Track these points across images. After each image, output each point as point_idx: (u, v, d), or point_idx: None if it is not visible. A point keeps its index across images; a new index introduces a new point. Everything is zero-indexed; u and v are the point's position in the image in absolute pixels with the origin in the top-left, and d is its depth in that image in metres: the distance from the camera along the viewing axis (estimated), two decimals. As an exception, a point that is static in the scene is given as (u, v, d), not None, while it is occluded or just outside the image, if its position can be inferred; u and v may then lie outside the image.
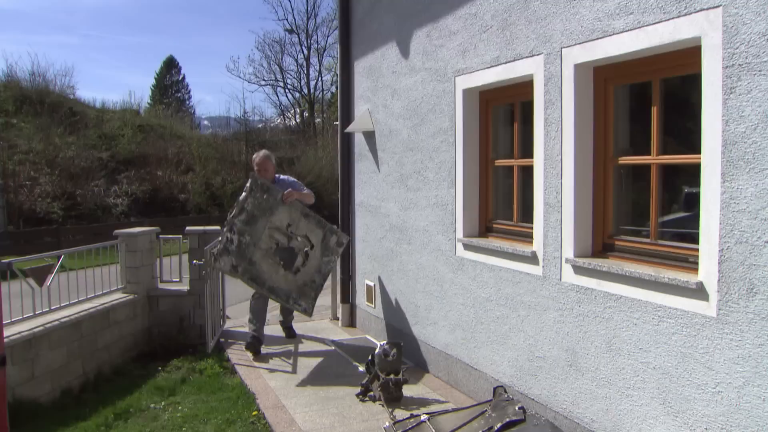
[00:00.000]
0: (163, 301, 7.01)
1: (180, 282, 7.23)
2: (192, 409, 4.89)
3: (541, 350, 4.27)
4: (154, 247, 7.26)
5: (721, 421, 3.03)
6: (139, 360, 6.28)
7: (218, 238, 7.12)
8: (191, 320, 6.93)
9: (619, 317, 3.63)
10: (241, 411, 4.82)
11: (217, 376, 5.68)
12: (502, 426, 3.93)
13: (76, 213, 21.85)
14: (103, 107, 30.73)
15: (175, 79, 48.92)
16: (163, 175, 25.97)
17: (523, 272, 4.44)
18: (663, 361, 3.35)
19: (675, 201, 3.71)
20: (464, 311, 4.98)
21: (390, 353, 5.08)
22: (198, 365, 5.92)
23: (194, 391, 5.29)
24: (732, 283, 2.97)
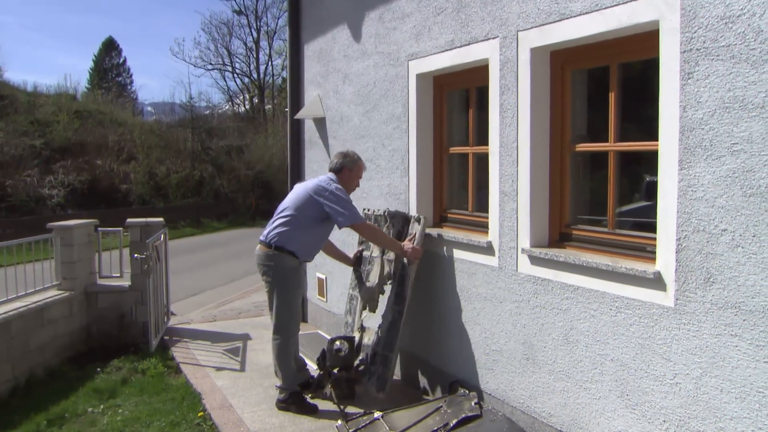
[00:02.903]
0: (103, 298, 6.76)
1: (121, 277, 6.98)
2: (133, 412, 4.72)
3: (498, 343, 4.26)
4: (93, 240, 6.99)
5: (679, 413, 3.05)
6: (76, 361, 6.03)
7: (162, 230, 6.91)
8: (133, 317, 6.70)
9: (576, 308, 3.63)
10: (186, 412, 4.69)
11: (161, 376, 5.51)
12: (458, 422, 3.92)
13: (6, 205, 20.95)
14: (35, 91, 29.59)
15: (115, 62, 47.41)
16: (103, 165, 25.17)
17: (478, 263, 4.42)
18: (621, 352, 3.36)
19: (635, 190, 3.72)
20: (418, 304, 4.94)
21: (342, 348, 5.00)
22: (140, 365, 5.73)
23: (136, 393, 5.11)
24: (689, 272, 2.98)
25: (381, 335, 5.01)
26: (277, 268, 4.62)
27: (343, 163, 4.82)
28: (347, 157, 4.86)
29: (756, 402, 2.71)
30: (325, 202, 4.56)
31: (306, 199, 4.63)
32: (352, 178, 4.86)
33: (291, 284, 4.66)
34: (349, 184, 4.84)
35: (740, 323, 2.76)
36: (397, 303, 4.91)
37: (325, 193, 4.58)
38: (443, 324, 4.84)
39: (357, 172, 4.89)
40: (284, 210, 4.71)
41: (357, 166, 4.87)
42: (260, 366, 5.66)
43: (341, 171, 4.81)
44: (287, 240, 4.61)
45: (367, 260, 5.34)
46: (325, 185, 4.63)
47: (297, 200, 4.68)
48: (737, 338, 2.77)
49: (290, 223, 4.63)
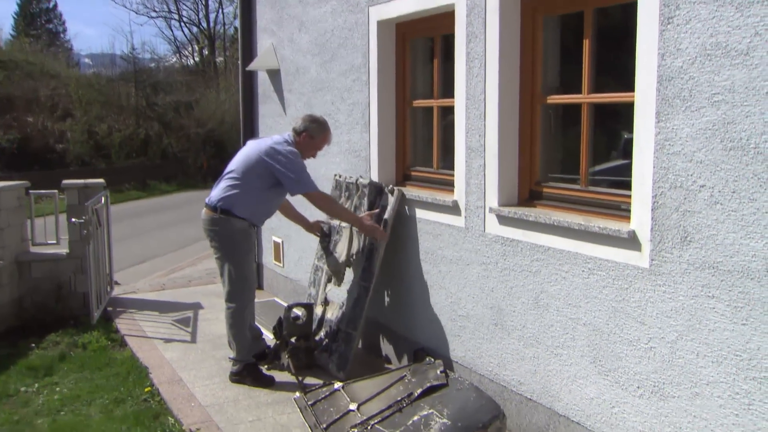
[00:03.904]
0: (37, 267, 6.54)
1: (57, 244, 6.75)
2: (73, 390, 4.60)
3: (465, 308, 4.25)
4: (24, 204, 6.72)
5: (654, 379, 3.08)
6: (6, 337, 5.83)
7: (103, 192, 6.69)
8: (72, 288, 6.51)
9: (547, 271, 3.62)
10: (132, 388, 4.61)
11: (104, 350, 5.39)
12: (423, 391, 3.91)
13: None
14: (-52, 37, 28.23)
15: (44, 7, 45.24)
16: (35, 122, 24.25)
17: (444, 224, 4.39)
18: (593, 316, 3.37)
19: (612, 148, 3.69)
20: (380, 268, 4.89)
21: (300, 316, 4.95)
22: (81, 339, 5.58)
23: (76, 369, 4.99)
24: (666, 231, 2.97)
25: (345, 311, 4.98)
26: (224, 233, 4.50)
27: (307, 128, 4.65)
28: (315, 122, 4.70)
29: (733, 366, 2.73)
30: (277, 165, 4.42)
31: (256, 161, 4.47)
32: (311, 146, 4.70)
33: (241, 248, 4.55)
34: (306, 151, 4.69)
35: (718, 284, 2.76)
36: (363, 278, 4.87)
37: (277, 156, 4.43)
38: (407, 289, 4.82)
39: (319, 142, 4.72)
40: (233, 171, 4.56)
41: (322, 136, 4.71)
42: (213, 336, 5.59)
43: (302, 134, 4.65)
44: (234, 204, 4.48)
45: (335, 230, 5.27)
46: (278, 147, 4.47)
47: (247, 161, 4.52)
48: (715, 300, 2.79)
49: (238, 186, 4.49)
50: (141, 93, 29.16)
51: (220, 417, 4.16)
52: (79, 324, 5.98)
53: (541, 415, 3.74)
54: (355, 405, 3.98)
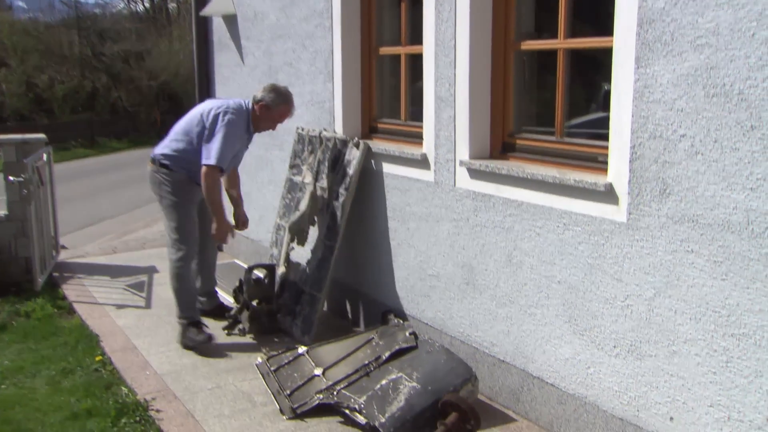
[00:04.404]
0: (-26, 230, 6.35)
1: (-5, 206, 6.56)
2: (15, 362, 4.51)
3: (434, 267, 4.24)
4: (-45, 162, 6.49)
5: (631, 337, 3.11)
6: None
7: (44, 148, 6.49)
8: (13, 252, 6.35)
9: (520, 227, 3.62)
10: (81, 357, 4.54)
11: (50, 318, 5.28)
12: (391, 354, 3.94)
13: None
14: None
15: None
16: (-37, 72, 23.41)
17: (412, 178, 4.36)
18: (569, 274, 3.39)
19: (591, 99, 3.67)
20: (345, 227, 4.86)
21: (262, 278, 4.91)
22: (23, 307, 5.46)
23: (19, 339, 4.88)
24: (644, 183, 2.97)
25: (309, 273, 4.96)
26: (163, 183, 4.57)
27: (264, 98, 4.57)
28: (274, 92, 4.59)
29: (711, 323, 2.77)
30: (208, 128, 4.45)
31: (198, 121, 4.50)
32: (268, 118, 4.64)
33: (178, 199, 4.58)
34: (263, 122, 4.65)
35: (697, 238, 2.78)
36: (328, 237, 4.84)
37: (214, 120, 4.44)
38: (373, 247, 4.80)
39: (277, 114, 4.64)
40: (179, 128, 4.62)
41: (280, 108, 4.62)
42: (169, 302, 5.48)
43: (258, 103, 4.58)
44: (174, 159, 4.56)
45: (298, 187, 5.20)
46: (221, 114, 4.45)
47: (192, 119, 4.57)
48: (694, 254, 2.80)
49: (180, 141, 4.56)
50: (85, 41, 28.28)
51: (178, 385, 4.13)
52: (21, 291, 5.85)
53: (515, 377, 3.78)
54: (320, 370, 4.00)
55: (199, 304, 5.20)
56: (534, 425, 3.69)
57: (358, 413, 3.62)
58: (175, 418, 3.77)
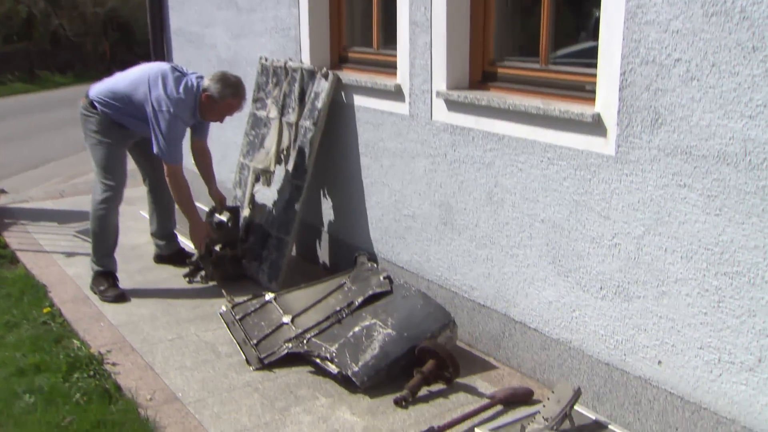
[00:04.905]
0: None
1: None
2: (-49, 317, 4.46)
3: (410, 207, 4.24)
4: None
5: (618, 278, 3.13)
6: None
7: None
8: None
9: (501, 162, 3.61)
10: (27, 310, 4.49)
11: (-10, 268, 5.21)
12: (364, 300, 3.96)
13: None
14: None
15: None
16: None
17: (385, 112, 4.32)
18: (553, 212, 3.39)
19: (582, 28, 3.60)
20: (314, 165, 4.81)
21: (224, 222, 4.86)
22: (-42, 257, 5.39)
23: (-46, 292, 4.82)
24: (634, 113, 2.95)
25: (276, 215, 4.94)
26: (89, 121, 4.54)
27: (210, 89, 4.42)
28: (222, 84, 4.43)
29: (703, 261, 2.79)
30: (152, 119, 4.37)
31: (143, 98, 4.41)
32: (212, 110, 4.52)
33: (107, 138, 4.53)
34: (208, 113, 4.56)
35: (690, 171, 2.78)
36: (296, 176, 4.80)
37: (157, 114, 4.35)
38: (345, 187, 4.78)
39: (223, 108, 4.51)
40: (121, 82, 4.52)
41: (226, 103, 4.47)
42: (124, 248, 5.45)
43: (204, 93, 4.45)
44: (107, 106, 4.50)
45: (262, 122, 5.12)
46: (163, 104, 4.34)
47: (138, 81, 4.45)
48: (686, 189, 2.81)
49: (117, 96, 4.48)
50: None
51: (135, 337, 4.12)
52: (-42, 240, 5.75)
53: (496, 323, 3.81)
54: (288, 317, 4.01)
55: (157, 248, 5.17)
56: (516, 372, 3.75)
57: (329, 362, 3.64)
58: (133, 371, 3.76)
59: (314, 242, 5.21)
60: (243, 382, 3.65)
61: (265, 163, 5.00)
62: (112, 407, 3.40)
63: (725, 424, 2.80)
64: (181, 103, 4.37)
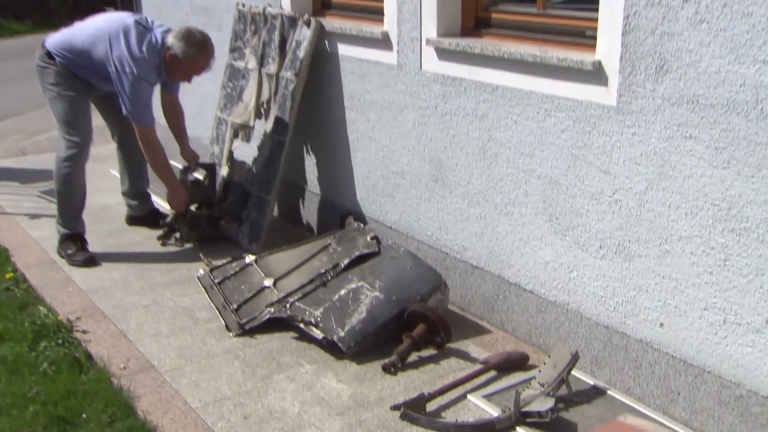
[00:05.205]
0: None
1: None
2: None
3: (399, 163, 4.23)
4: None
5: (618, 236, 3.13)
6: None
7: None
8: None
9: (495, 114, 3.58)
10: (-13, 275, 4.46)
11: (-53, 231, 5.16)
12: (350, 262, 3.97)
13: None
14: None
15: None
16: None
17: (372, 61, 4.28)
18: (550, 167, 3.37)
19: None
20: (296, 118, 4.78)
21: (200, 180, 4.81)
22: None
23: None
24: (638, 60, 2.92)
25: (256, 173, 4.91)
26: (46, 73, 4.46)
27: (173, 47, 4.31)
28: (185, 42, 4.30)
29: (709, 217, 2.78)
30: (116, 80, 4.29)
31: (104, 56, 4.31)
32: (177, 69, 4.43)
33: (67, 89, 4.45)
34: (173, 72, 4.46)
35: (697, 122, 2.75)
36: (277, 131, 4.75)
37: (120, 75, 4.26)
38: (329, 142, 4.76)
39: (188, 67, 4.40)
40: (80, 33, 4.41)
41: (191, 62, 4.36)
42: (94, 208, 5.42)
43: (168, 51, 4.34)
44: (64, 58, 4.41)
45: (240, 74, 5.06)
46: (126, 65, 4.24)
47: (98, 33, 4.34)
48: (692, 140, 2.78)
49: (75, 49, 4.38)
50: None
51: (107, 303, 4.11)
52: None
53: (489, 284, 3.82)
54: (270, 281, 4.01)
55: (129, 209, 5.13)
56: (510, 336, 3.76)
57: (314, 327, 3.64)
58: (104, 338, 3.75)
59: (297, 201, 5.19)
60: (222, 348, 3.64)
61: (243, 118, 4.95)
62: (83, 377, 3.38)
63: (730, 387, 2.81)
64: (144, 63, 4.28)
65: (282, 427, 3.02)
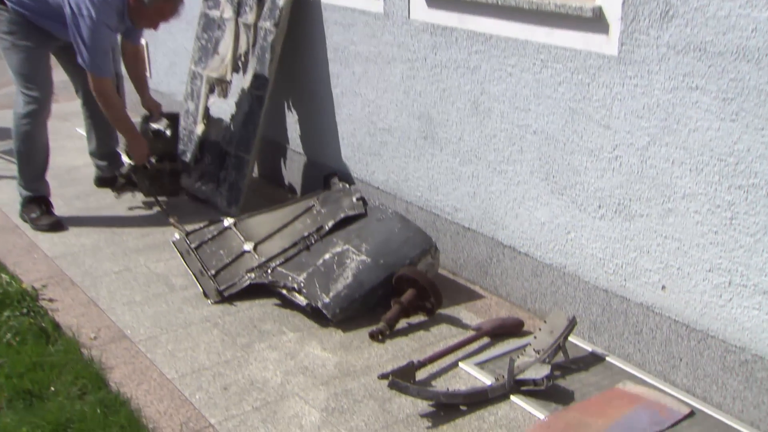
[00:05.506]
0: None
1: None
2: None
3: (386, 119, 4.21)
4: None
5: (619, 195, 3.12)
6: None
7: None
8: None
9: (488, 66, 3.56)
10: (-57, 242, 4.44)
11: None
12: (335, 224, 3.99)
13: None
14: None
15: None
16: None
17: (357, 10, 4.25)
18: (546, 122, 3.36)
19: None
20: (277, 72, 4.77)
21: (162, 130, 4.79)
22: None
23: None
24: (641, 5, 2.89)
25: (234, 130, 4.89)
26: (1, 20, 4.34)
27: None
28: None
29: (715, 173, 2.76)
30: (72, 25, 4.17)
31: None
32: (142, 15, 4.32)
33: (24, 39, 4.34)
34: (138, 19, 4.36)
35: (704, 71, 2.72)
36: (255, 86, 4.73)
37: (77, 20, 4.15)
38: (312, 98, 4.75)
39: (153, 13, 4.29)
40: None
41: (158, 8, 4.25)
42: (60, 169, 5.41)
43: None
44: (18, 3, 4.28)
45: (215, 24, 5.00)
46: (83, 8, 4.12)
47: None
48: (699, 91, 2.76)
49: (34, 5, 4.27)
50: None
51: (75, 270, 4.09)
52: None
53: (482, 247, 3.82)
54: (250, 245, 4.02)
55: (98, 170, 5.08)
56: (504, 301, 3.77)
57: (297, 293, 3.64)
58: (73, 307, 3.73)
59: (278, 161, 5.19)
60: (200, 317, 3.63)
61: (220, 72, 4.92)
62: (50, 348, 3.37)
63: (734, 352, 2.82)
64: (105, 7, 4.18)
65: (264, 398, 3.02)
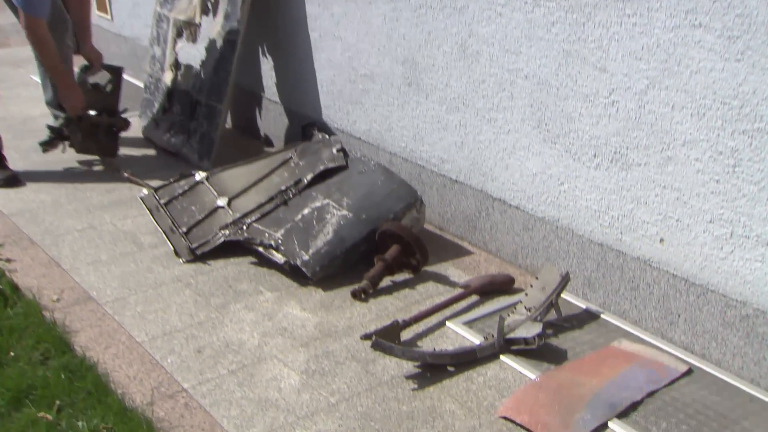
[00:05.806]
0: None
1: None
2: None
3: (368, 65, 4.20)
4: None
5: (615, 143, 3.11)
6: None
7: None
8: None
9: (476, 6, 3.54)
10: None
11: None
12: (314, 177, 4.00)
13: None
14: None
15: None
16: None
17: None
18: (538, 65, 3.34)
19: None
20: (250, 13, 4.74)
21: (101, 85, 4.72)
22: None
23: None
24: (640, -62, 2.84)
25: (205, 78, 4.85)
26: None
27: None
28: None
29: (718, 118, 2.75)
30: None
31: None
32: None
33: None
34: None
35: (708, 6, 2.70)
36: (228, 30, 4.69)
37: None
38: (288, 42, 4.73)
39: None
40: None
41: None
42: (14, 120, 5.38)
43: None
44: None
45: None
46: None
47: None
48: (702, 29, 2.73)
49: None
50: None
51: (35, 228, 4.05)
52: None
53: (470, 200, 3.82)
54: (224, 200, 4.02)
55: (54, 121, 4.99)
56: (494, 257, 3.78)
57: (274, 250, 3.64)
58: (33, 268, 3.70)
59: (253, 111, 5.18)
60: (171, 276, 3.63)
61: (188, 14, 4.88)
62: (9, 311, 3.34)
63: (735, 307, 2.84)
64: None
65: (240, 361, 3.01)
